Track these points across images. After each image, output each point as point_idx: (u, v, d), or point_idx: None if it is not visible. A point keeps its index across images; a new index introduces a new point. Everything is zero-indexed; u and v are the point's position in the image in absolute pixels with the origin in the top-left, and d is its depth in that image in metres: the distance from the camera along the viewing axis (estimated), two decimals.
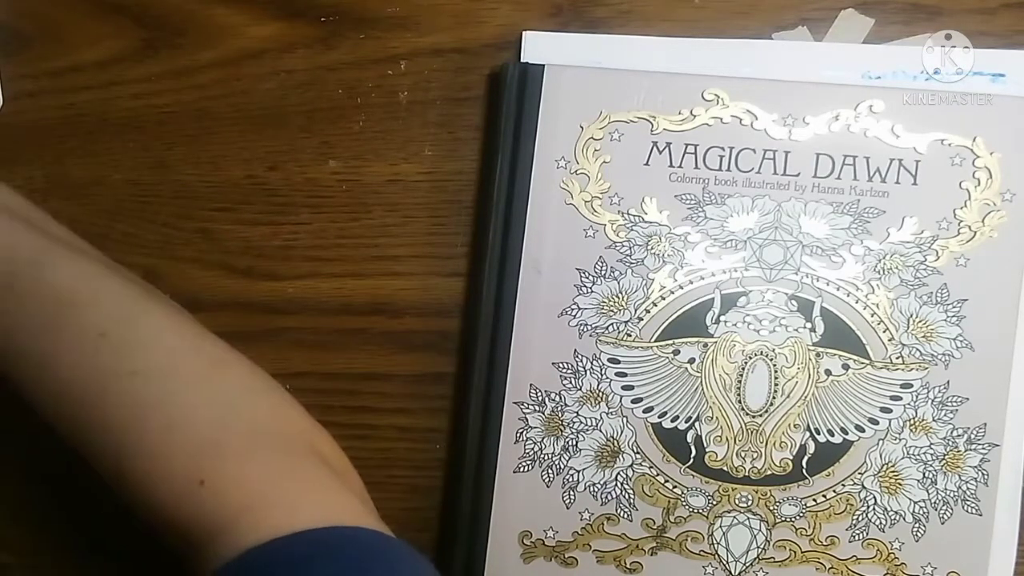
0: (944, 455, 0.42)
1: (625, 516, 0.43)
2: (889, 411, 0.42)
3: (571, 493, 0.43)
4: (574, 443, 0.43)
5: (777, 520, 0.42)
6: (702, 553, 0.42)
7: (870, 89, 0.41)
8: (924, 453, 0.42)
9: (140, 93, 0.45)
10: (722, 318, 0.42)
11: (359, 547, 0.32)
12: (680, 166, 0.42)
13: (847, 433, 0.42)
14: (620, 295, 0.42)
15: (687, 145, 0.42)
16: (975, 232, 0.41)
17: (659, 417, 0.42)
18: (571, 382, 0.42)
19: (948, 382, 0.41)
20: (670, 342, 0.42)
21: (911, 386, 0.41)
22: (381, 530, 0.34)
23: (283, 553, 0.31)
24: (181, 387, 0.35)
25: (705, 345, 0.42)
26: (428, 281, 0.44)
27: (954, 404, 0.41)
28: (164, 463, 0.33)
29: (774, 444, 0.42)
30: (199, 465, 0.33)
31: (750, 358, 0.42)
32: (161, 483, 0.33)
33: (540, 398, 0.42)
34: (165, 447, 0.33)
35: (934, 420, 0.41)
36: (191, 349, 0.36)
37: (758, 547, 0.42)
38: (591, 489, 0.43)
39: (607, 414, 0.42)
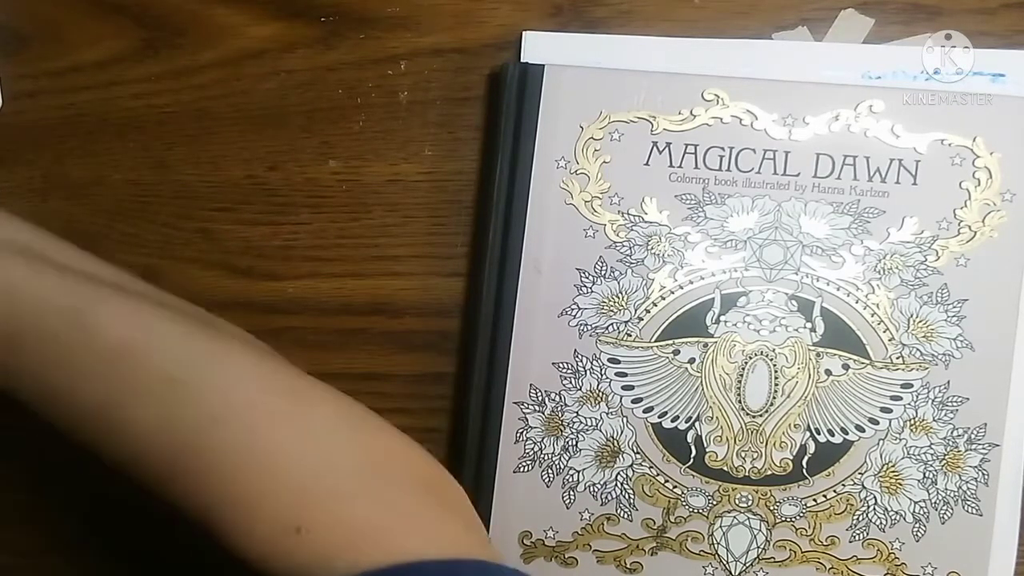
0: (944, 455, 0.42)
1: (625, 516, 0.43)
2: (889, 411, 0.42)
3: (571, 493, 0.43)
4: (574, 443, 0.43)
5: (777, 520, 0.42)
6: (702, 553, 0.42)
7: (870, 89, 0.41)
8: (924, 453, 0.42)
9: (140, 93, 0.45)
10: (722, 318, 0.42)
11: None
12: (680, 166, 0.42)
13: (847, 433, 0.42)
14: (620, 295, 0.42)
15: (687, 145, 0.42)
16: (975, 232, 0.41)
17: (659, 417, 0.42)
18: (571, 382, 0.42)
19: (948, 382, 0.41)
20: (670, 342, 0.42)
21: (911, 386, 0.41)
22: (494, 560, 0.32)
23: None
24: (269, 430, 0.33)
25: (705, 345, 0.42)
26: (428, 281, 0.44)
27: (954, 404, 0.41)
28: (258, 511, 0.32)
29: (774, 444, 0.42)
30: (297, 511, 0.32)
31: (750, 358, 0.42)
32: (255, 532, 0.32)
33: (540, 398, 0.42)
34: (258, 495, 0.32)
35: (934, 420, 0.41)
36: (273, 387, 0.34)
37: (758, 547, 0.42)
38: (591, 489, 0.43)
39: (607, 414, 0.42)
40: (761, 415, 0.42)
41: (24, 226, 0.37)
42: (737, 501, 0.42)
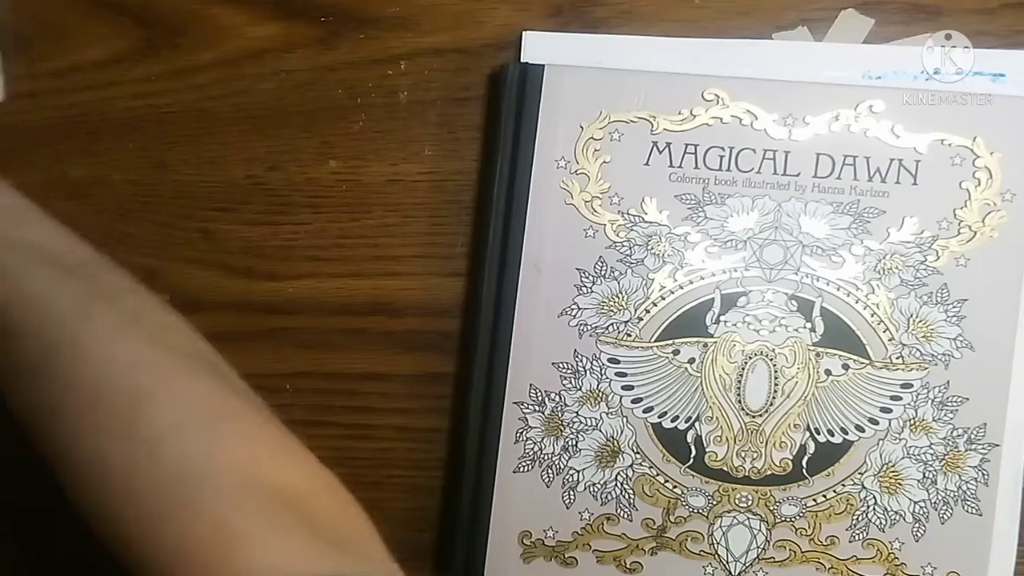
0: (944, 455, 0.42)
1: (625, 516, 0.43)
2: (889, 411, 0.42)
3: (571, 493, 0.43)
4: (574, 443, 0.43)
5: (777, 520, 0.42)
6: (702, 553, 0.42)
7: (870, 89, 0.41)
8: (924, 453, 0.42)
9: (140, 93, 0.45)
10: (722, 318, 0.42)
11: None
12: (680, 166, 0.42)
13: (847, 433, 0.42)
14: (620, 295, 0.42)
15: (687, 145, 0.42)
16: (975, 232, 0.41)
17: (659, 417, 0.42)
18: (571, 382, 0.42)
19: (948, 382, 0.41)
20: (670, 342, 0.42)
21: (911, 386, 0.41)
22: (344, 572, 0.31)
23: None
24: (101, 427, 0.32)
25: (705, 345, 0.42)
26: (428, 281, 0.44)
27: (954, 404, 0.41)
28: (95, 517, 0.32)
29: (774, 444, 0.42)
30: (123, 522, 0.31)
31: (750, 358, 0.42)
32: (101, 534, 0.31)
33: (540, 398, 0.42)
34: (89, 502, 0.32)
35: (934, 420, 0.41)
36: (118, 380, 0.32)
37: (758, 547, 0.42)
38: (591, 489, 0.43)
39: (607, 414, 0.42)
40: (761, 415, 0.42)
41: None
42: (737, 501, 0.42)
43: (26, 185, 0.45)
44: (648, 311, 0.42)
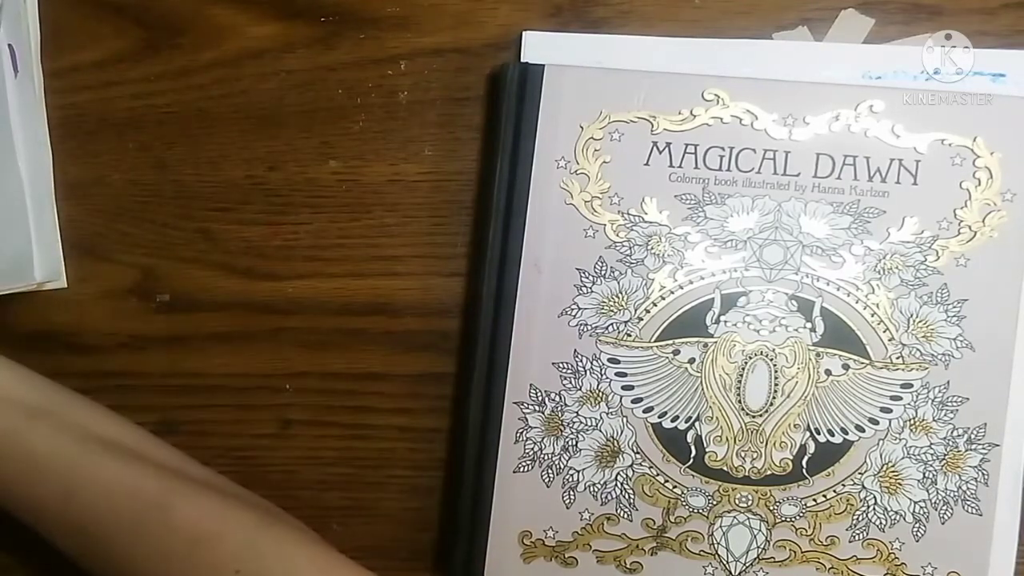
0: (944, 455, 0.42)
1: (625, 516, 0.43)
2: (889, 411, 0.42)
3: (571, 493, 0.43)
4: (574, 443, 0.43)
5: (777, 520, 0.42)
6: (702, 553, 0.42)
7: (870, 89, 0.41)
8: (924, 453, 0.42)
9: (140, 93, 0.45)
10: (722, 318, 0.42)
11: None
12: (680, 166, 0.42)
13: (847, 433, 0.42)
14: (620, 295, 0.42)
15: (687, 145, 0.42)
16: (975, 232, 0.41)
17: (659, 417, 0.42)
18: (571, 382, 0.42)
19: (948, 382, 0.41)
20: (670, 342, 0.42)
21: (911, 386, 0.41)
22: None
23: None
24: None
25: (705, 345, 0.42)
26: (428, 281, 0.44)
27: (954, 404, 0.41)
28: None
29: (774, 444, 0.42)
30: None
31: (750, 358, 0.42)
32: None
33: (540, 398, 0.42)
34: None
35: (934, 420, 0.41)
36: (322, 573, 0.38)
37: (758, 547, 0.42)
38: (591, 489, 0.43)
39: (607, 414, 0.42)
40: (761, 415, 0.42)
41: (114, 418, 0.42)
42: (737, 501, 0.42)
43: None
44: (648, 311, 0.42)
